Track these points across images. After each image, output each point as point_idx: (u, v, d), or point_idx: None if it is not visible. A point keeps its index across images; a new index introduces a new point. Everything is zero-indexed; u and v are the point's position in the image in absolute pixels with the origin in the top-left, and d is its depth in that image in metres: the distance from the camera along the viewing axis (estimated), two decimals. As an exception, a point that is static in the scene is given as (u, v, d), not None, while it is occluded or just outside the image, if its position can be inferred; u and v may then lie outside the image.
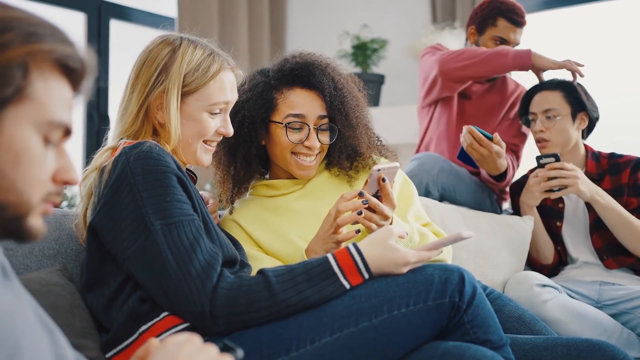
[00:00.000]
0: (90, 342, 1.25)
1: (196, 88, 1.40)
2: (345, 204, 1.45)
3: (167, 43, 1.41)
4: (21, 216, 0.76)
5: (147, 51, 1.42)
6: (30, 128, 0.75)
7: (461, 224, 2.18)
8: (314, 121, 1.64)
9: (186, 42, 1.42)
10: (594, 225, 2.25)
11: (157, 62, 1.39)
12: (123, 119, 1.41)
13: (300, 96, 1.64)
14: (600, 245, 2.23)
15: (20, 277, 1.30)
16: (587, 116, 2.32)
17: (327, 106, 1.65)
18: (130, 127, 1.40)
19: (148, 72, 1.39)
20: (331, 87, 1.64)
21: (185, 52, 1.40)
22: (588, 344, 1.48)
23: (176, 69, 1.38)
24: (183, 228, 1.24)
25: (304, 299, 1.23)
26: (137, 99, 1.39)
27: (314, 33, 4.35)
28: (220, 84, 1.43)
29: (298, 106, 1.63)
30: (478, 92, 2.66)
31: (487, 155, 2.21)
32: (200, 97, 1.41)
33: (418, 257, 1.29)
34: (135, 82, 1.41)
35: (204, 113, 1.42)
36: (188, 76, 1.39)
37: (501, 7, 2.55)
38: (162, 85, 1.38)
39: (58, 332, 0.80)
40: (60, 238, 1.46)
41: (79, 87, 0.83)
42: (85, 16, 3.75)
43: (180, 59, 1.39)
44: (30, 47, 0.74)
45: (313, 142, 1.63)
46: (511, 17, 2.53)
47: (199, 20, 3.91)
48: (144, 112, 1.39)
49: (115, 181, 1.26)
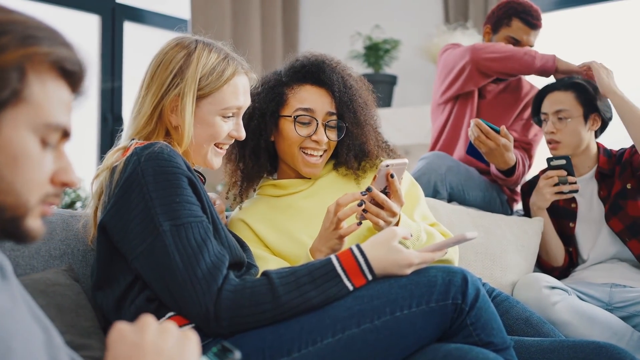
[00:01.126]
0: (95, 342, 1.27)
1: (210, 92, 1.41)
2: (345, 196, 1.45)
3: (182, 46, 1.42)
4: (19, 217, 0.77)
5: (162, 54, 1.42)
6: (28, 130, 0.76)
7: (469, 225, 2.17)
8: (322, 117, 1.66)
9: (201, 46, 1.42)
10: (610, 211, 2.22)
11: (172, 65, 1.40)
12: (136, 120, 1.42)
13: (310, 92, 1.67)
14: (621, 228, 2.20)
15: (26, 277, 1.32)
16: (600, 117, 2.29)
17: (336, 103, 1.66)
18: (143, 128, 1.41)
19: (163, 74, 1.40)
20: (340, 85, 1.66)
21: (201, 55, 1.40)
22: (595, 347, 1.46)
23: (192, 73, 1.39)
24: (191, 229, 1.25)
25: (308, 301, 1.23)
26: (151, 101, 1.40)
27: (327, 34, 4.36)
28: (234, 88, 1.43)
29: (307, 101, 1.66)
30: (493, 92, 2.66)
31: (494, 148, 2.22)
32: (214, 101, 1.42)
33: (422, 258, 1.29)
34: (150, 84, 1.41)
35: (217, 117, 1.43)
36: (203, 80, 1.40)
37: (517, 8, 2.54)
38: (177, 88, 1.39)
39: (55, 333, 0.80)
40: (67, 239, 1.47)
41: (78, 89, 0.84)
42: (100, 18, 3.78)
43: (196, 62, 1.39)
44: (27, 50, 0.75)
45: (321, 137, 1.65)
46: (525, 18, 2.53)
47: (212, 22, 3.92)
48: (158, 114, 1.40)
49: (126, 181, 1.27)
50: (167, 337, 0.79)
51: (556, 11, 3.77)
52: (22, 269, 1.38)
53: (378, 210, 1.47)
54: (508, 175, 2.37)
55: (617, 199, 2.22)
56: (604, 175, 2.26)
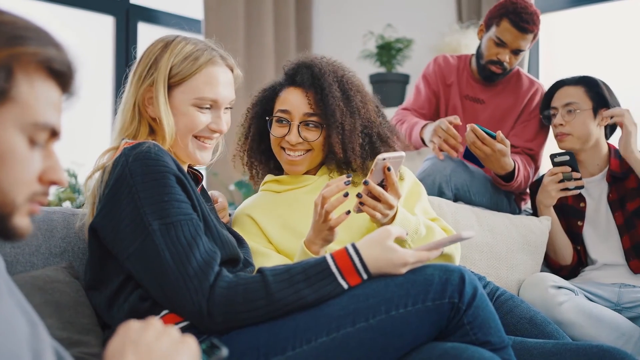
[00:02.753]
0: (93, 339, 1.28)
1: (182, 80, 1.40)
2: (329, 189, 1.45)
3: (162, 40, 1.44)
4: (6, 215, 0.78)
5: (145, 50, 1.45)
6: (15, 129, 0.77)
7: (475, 224, 2.16)
8: (299, 117, 1.68)
9: (180, 39, 1.44)
10: (625, 225, 2.20)
11: (149, 57, 1.42)
12: (122, 115, 1.44)
13: (290, 93, 1.71)
14: (628, 246, 2.18)
15: (26, 274, 1.34)
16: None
17: (314, 104, 1.67)
18: (129, 124, 1.42)
19: (140, 67, 1.42)
20: (316, 85, 1.67)
21: (177, 46, 1.42)
22: (598, 350, 1.44)
23: (164, 61, 1.40)
24: (181, 227, 1.25)
25: (301, 299, 1.23)
26: (132, 94, 1.42)
27: (339, 34, 4.35)
28: (207, 78, 1.42)
29: (285, 103, 1.70)
30: (490, 96, 2.57)
31: (490, 154, 2.20)
32: (186, 90, 1.41)
33: (417, 257, 1.28)
34: (132, 80, 1.44)
35: (191, 107, 1.42)
36: (174, 67, 1.40)
37: (508, 8, 2.38)
38: (150, 77, 1.40)
39: (42, 327, 0.82)
40: (68, 236, 1.49)
41: (68, 90, 0.84)
42: (114, 19, 3.82)
43: (170, 51, 1.41)
44: (13, 50, 0.76)
45: (291, 137, 1.68)
46: (514, 19, 2.36)
47: (225, 22, 3.95)
48: (138, 109, 1.41)
49: (115, 182, 1.29)
50: (164, 339, 0.80)
51: (568, 10, 3.73)
52: (22, 266, 1.40)
53: (375, 203, 1.48)
54: (507, 180, 2.34)
55: (634, 216, 2.19)
56: (615, 178, 2.24)
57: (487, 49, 2.47)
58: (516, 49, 2.43)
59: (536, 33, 2.42)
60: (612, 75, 3.42)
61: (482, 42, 2.51)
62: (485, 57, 2.48)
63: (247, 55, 4.06)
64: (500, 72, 2.48)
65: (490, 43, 2.45)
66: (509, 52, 2.44)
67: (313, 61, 1.72)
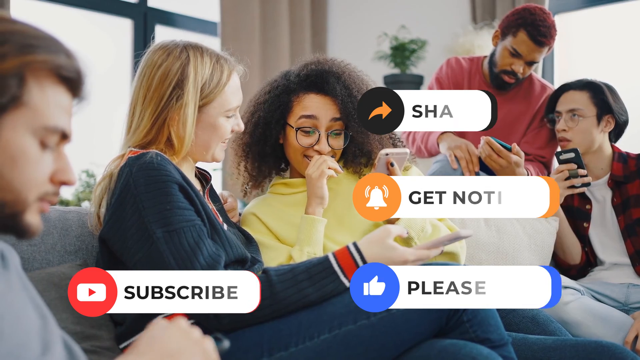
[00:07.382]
0: (105, 333, 1.34)
1: (214, 98, 1.45)
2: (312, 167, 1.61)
3: (175, 57, 1.43)
4: (18, 213, 0.83)
5: (156, 66, 1.43)
6: (27, 133, 0.81)
7: (482, 224, 2.18)
8: (326, 125, 1.68)
9: (192, 53, 1.44)
10: (626, 230, 2.21)
11: (170, 77, 1.41)
12: (136, 133, 1.44)
13: (314, 100, 1.69)
14: (633, 252, 2.19)
15: (42, 271, 1.40)
16: (614, 119, 2.27)
17: (340, 112, 1.68)
18: (143, 138, 1.44)
19: (161, 88, 1.41)
20: (344, 95, 1.67)
21: (197, 64, 1.43)
22: (597, 346, 1.47)
23: (192, 83, 1.41)
24: (184, 234, 1.30)
25: (305, 297, 1.27)
26: (151, 114, 1.42)
27: (354, 35, 4.38)
28: (232, 89, 1.48)
29: (310, 108, 1.68)
30: (501, 101, 2.54)
31: (505, 166, 2.20)
32: (218, 105, 1.46)
33: (417, 255, 1.32)
34: (148, 97, 1.42)
35: (221, 118, 1.48)
36: (205, 88, 1.43)
37: (527, 19, 2.37)
38: (179, 100, 1.41)
39: (52, 321, 0.87)
40: (82, 235, 1.55)
41: (79, 94, 0.89)
42: (132, 22, 3.88)
43: (194, 73, 1.42)
44: (25, 58, 0.80)
45: (323, 147, 1.68)
46: (532, 32, 2.35)
47: (241, 24, 3.99)
48: (159, 126, 1.42)
49: (120, 193, 1.34)
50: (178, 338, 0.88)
51: (583, 10, 3.73)
52: (38, 263, 1.46)
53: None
54: None
55: (635, 224, 2.19)
56: (618, 182, 2.24)
57: (502, 58, 2.46)
58: (531, 60, 2.43)
59: (552, 45, 2.42)
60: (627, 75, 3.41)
61: (497, 50, 2.49)
62: (499, 66, 2.47)
63: (263, 56, 4.11)
64: (513, 82, 2.49)
65: (505, 52, 2.44)
66: (524, 63, 2.43)
67: (334, 67, 1.72)
